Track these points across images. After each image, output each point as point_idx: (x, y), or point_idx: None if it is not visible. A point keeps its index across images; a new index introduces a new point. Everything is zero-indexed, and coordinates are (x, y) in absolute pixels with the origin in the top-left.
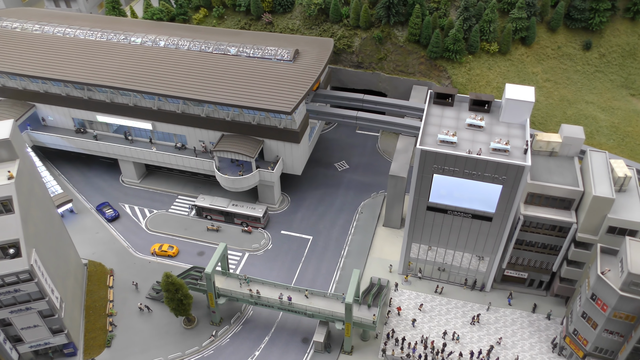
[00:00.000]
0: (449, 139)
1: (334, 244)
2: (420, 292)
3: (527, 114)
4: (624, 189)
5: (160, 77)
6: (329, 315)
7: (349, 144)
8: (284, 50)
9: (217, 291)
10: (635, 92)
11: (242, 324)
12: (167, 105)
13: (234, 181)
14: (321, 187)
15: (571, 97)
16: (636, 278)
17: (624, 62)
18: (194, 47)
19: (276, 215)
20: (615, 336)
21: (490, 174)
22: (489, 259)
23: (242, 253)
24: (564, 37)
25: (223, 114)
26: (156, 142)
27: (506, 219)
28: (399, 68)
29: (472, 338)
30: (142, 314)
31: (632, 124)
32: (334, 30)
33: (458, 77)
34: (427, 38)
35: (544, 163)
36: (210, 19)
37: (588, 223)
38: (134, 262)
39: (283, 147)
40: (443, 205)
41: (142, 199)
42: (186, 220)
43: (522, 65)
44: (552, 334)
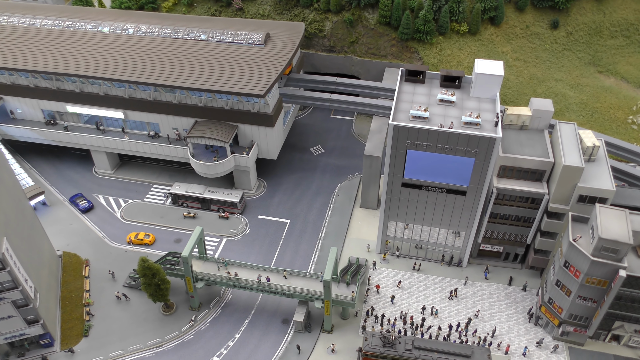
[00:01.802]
0: (421, 115)
1: (311, 227)
2: (399, 270)
3: (497, 88)
4: (592, 158)
5: (130, 64)
6: (308, 294)
7: (324, 128)
8: (255, 34)
9: (195, 275)
10: (602, 69)
11: (221, 307)
12: (139, 93)
13: (208, 167)
14: (297, 171)
15: (540, 76)
16: (607, 243)
17: (591, 40)
18: (164, 34)
19: (253, 200)
20: (589, 302)
21: (463, 147)
22: (464, 234)
23: (219, 239)
24: (531, 17)
25: (196, 100)
26: (129, 132)
27: (480, 192)
28: (371, 51)
29: (451, 312)
30: (119, 303)
31: (600, 100)
32: (305, 14)
33: (429, 58)
34: (397, 20)
35: (515, 136)
36: (180, 6)
37: (559, 193)
38: (110, 252)
39: (257, 132)
40: (418, 181)
41: (117, 189)
42: (162, 209)
43: (492, 45)
44: (528, 304)
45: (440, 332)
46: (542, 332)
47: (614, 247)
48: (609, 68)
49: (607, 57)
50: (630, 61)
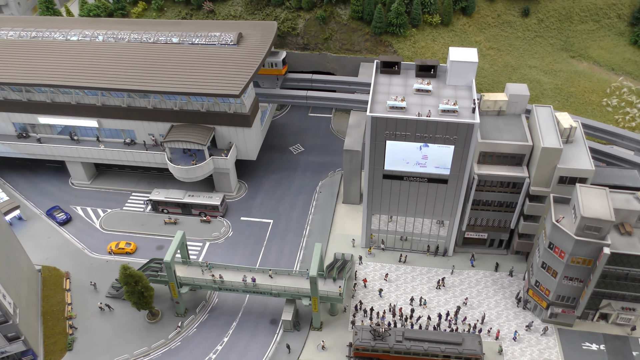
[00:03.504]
0: (398, 105)
1: (295, 225)
2: (385, 263)
3: (472, 75)
4: (570, 140)
5: (102, 71)
6: (295, 292)
7: (303, 127)
8: (228, 35)
9: (179, 280)
10: (574, 54)
11: (208, 312)
12: (112, 100)
13: (187, 171)
14: (278, 171)
15: (515, 63)
16: (589, 221)
17: (562, 26)
18: (135, 39)
19: (235, 202)
20: (575, 282)
21: (442, 135)
22: (448, 223)
23: (202, 243)
24: (502, 6)
25: (170, 104)
26: (104, 140)
27: (461, 179)
28: (345, 46)
29: (439, 301)
30: (103, 314)
31: (574, 85)
32: (277, 13)
33: (404, 51)
34: (370, 14)
35: (492, 122)
36: (150, 12)
37: (540, 176)
38: (91, 263)
39: (235, 133)
40: (398, 172)
41: (95, 200)
42: (142, 216)
43: (465, 35)
44: (516, 289)
45: (430, 322)
46: (530, 315)
47: (597, 226)
48: (581, 53)
49: (578, 42)
50: (601, 45)
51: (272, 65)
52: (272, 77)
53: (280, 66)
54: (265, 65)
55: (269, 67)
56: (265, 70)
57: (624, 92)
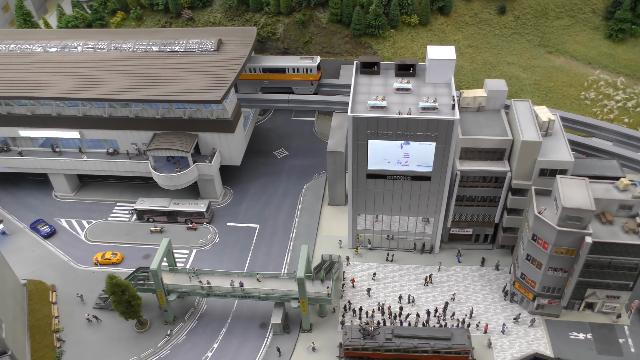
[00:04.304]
0: (378, 104)
1: (281, 229)
2: (372, 263)
3: (451, 72)
4: (549, 133)
5: (82, 81)
6: (283, 295)
7: (286, 131)
8: (207, 41)
9: (166, 288)
10: (551, 49)
11: (197, 318)
12: (93, 110)
13: (171, 179)
14: (263, 175)
15: (493, 60)
16: (570, 212)
17: (538, 23)
18: (114, 49)
19: (220, 208)
20: (560, 272)
21: (423, 132)
22: (433, 220)
23: (189, 250)
24: (479, 4)
25: (152, 112)
26: (86, 151)
27: (444, 176)
28: (326, 49)
29: (427, 298)
30: (91, 325)
31: (552, 80)
32: (256, 19)
33: (383, 52)
34: (348, 17)
35: (473, 118)
36: (129, 21)
37: (521, 169)
38: (77, 275)
39: (218, 139)
40: (382, 170)
41: (79, 211)
42: (128, 226)
43: (444, 34)
44: (502, 283)
45: (419, 318)
46: (518, 308)
47: (578, 215)
48: (557, 48)
49: (555, 38)
50: (577, 40)
51: (306, 71)
52: (306, 82)
53: (315, 71)
54: (300, 71)
55: (303, 72)
56: (299, 76)
57: (601, 85)
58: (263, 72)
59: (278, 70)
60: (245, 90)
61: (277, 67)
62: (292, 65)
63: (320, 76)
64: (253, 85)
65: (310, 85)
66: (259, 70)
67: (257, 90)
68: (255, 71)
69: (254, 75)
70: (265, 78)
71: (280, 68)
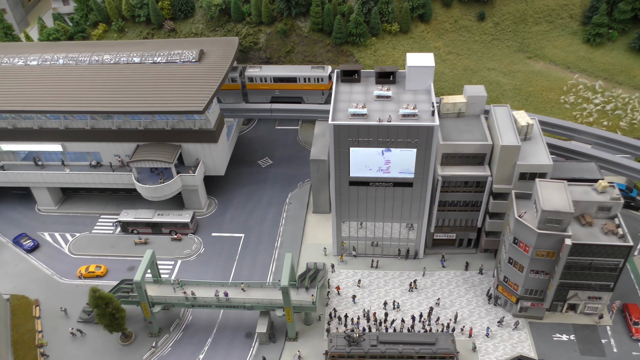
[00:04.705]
0: (359, 112)
1: (266, 238)
2: (357, 270)
3: (430, 79)
4: (528, 137)
5: (63, 94)
6: (268, 304)
7: (270, 140)
8: (189, 52)
9: (151, 300)
10: (531, 54)
11: (182, 330)
12: (75, 123)
13: (155, 190)
14: (247, 185)
15: (474, 66)
16: (550, 214)
17: (517, 28)
18: (95, 61)
19: (205, 218)
20: (541, 275)
21: (403, 139)
22: (417, 226)
23: (174, 261)
24: (458, 11)
25: (135, 124)
26: (69, 164)
27: (426, 182)
28: (308, 58)
29: (412, 304)
30: (75, 339)
31: (532, 84)
32: (238, 29)
33: (365, 60)
34: (329, 25)
35: (453, 124)
36: (111, 33)
37: (501, 173)
38: (61, 289)
39: (202, 149)
40: (364, 177)
41: (62, 225)
42: (112, 238)
43: (424, 41)
44: (486, 286)
45: (404, 324)
46: (502, 311)
47: (557, 218)
48: (537, 53)
49: (534, 43)
50: (556, 45)
51: (317, 80)
52: (317, 92)
53: (326, 81)
54: (311, 81)
55: (314, 82)
56: (310, 85)
57: (580, 89)
58: (274, 81)
59: (289, 80)
60: (257, 99)
61: (288, 76)
62: (304, 75)
63: (332, 86)
64: (264, 95)
65: (322, 95)
66: (270, 80)
67: (267, 100)
68: (267, 81)
69: (265, 85)
70: (276, 88)
71: (291, 78)
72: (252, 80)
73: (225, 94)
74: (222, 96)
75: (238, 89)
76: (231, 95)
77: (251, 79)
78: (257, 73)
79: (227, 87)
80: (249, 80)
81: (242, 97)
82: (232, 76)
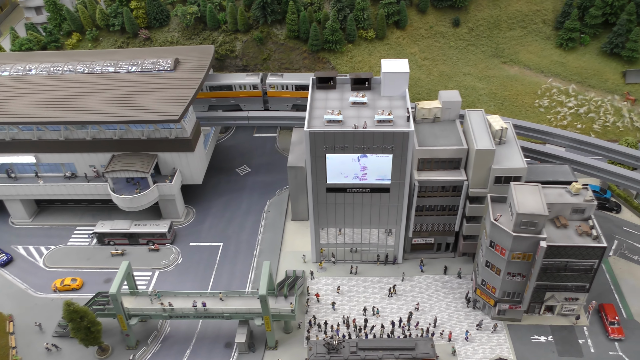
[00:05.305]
0: (334, 118)
1: (245, 246)
2: (337, 276)
3: (405, 85)
4: (503, 141)
5: (36, 105)
6: (247, 313)
7: (248, 148)
8: (164, 61)
9: (127, 312)
10: (505, 59)
11: (160, 342)
12: (48, 134)
13: (131, 200)
14: (225, 193)
15: (450, 72)
16: (525, 217)
17: (491, 34)
18: (69, 71)
19: (183, 228)
20: (518, 277)
21: (379, 145)
22: (395, 231)
23: (151, 272)
24: (434, 17)
25: (110, 134)
26: (43, 175)
27: (402, 187)
28: (284, 65)
29: (392, 309)
30: (50, 354)
31: (507, 89)
32: (214, 37)
33: (342, 66)
34: (306, 33)
35: (429, 129)
36: (85, 42)
37: (477, 177)
38: (35, 303)
39: (178, 158)
40: (341, 184)
41: (37, 237)
42: (88, 250)
43: (400, 47)
44: (465, 290)
45: (384, 330)
46: (480, 314)
47: (532, 221)
48: (511, 58)
49: (508, 48)
50: (529, 50)
51: None
52: None
53: None
54: None
55: None
56: None
57: (554, 92)
58: (295, 89)
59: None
60: (278, 107)
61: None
62: None
63: None
64: (285, 102)
65: None
66: (292, 88)
67: (288, 108)
68: (288, 88)
69: (286, 92)
70: (298, 95)
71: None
72: (273, 88)
73: (246, 101)
74: (243, 103)
75: (259, 96)
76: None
77: (272, 86)
78: (278, 81)
79: (247, 94)
80: (270, 88)
81: (262, 104)
82: (254, 83)
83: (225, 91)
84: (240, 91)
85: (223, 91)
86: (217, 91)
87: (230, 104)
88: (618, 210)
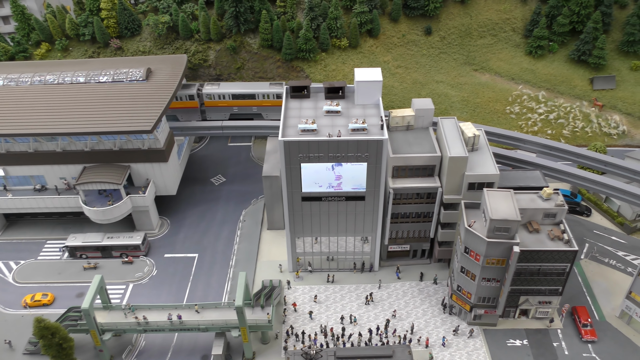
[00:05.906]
0: (309, 127)
1: (221, 257)
2: (313, 285)
3: (378, 93)
4: (475, 147)
5: (3, 116)
6: (223, 324)
7: (223, 157)
8: (136, 71)
9: (100, 327)
10: (477, 67)
11: (135, 356)
12: (17, 146)
13: (104, 212)
14: (200, 203)
15: (422, 79)
16: (498, 223)
17: (463, 42)
18: (37, 81)
19: (157, 240)
20: (493, 282)
21: (353, 153)
22: (371, 239)
23: (125, 285)
24: (406, 26)
25: (81, 145)
26: (11, 189)
27: (377, 195)
28: (258, 74)
29: (369, 317)
30: None
31: (479, 96)
32: (186, 46)
33: (315, 75)
34: (279, 41)
35: (402, 137)
36: (54, 52)
37: (450, 184)
38: (5, 320)
39: (152, 169)
40: (316, 193)
41: (5, 252)
42: (59, 265)
43: (373, 55)
44: (441, 296)
45: (362, 338)
46: (457, 320)
47: (505, 226)
48: (482, 65)
49: (479, 56)
50: (500, 57)
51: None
52: None
53: None
54: None
55: None
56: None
57: (524, 99)
58: (232, 98)
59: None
60: (215, 117)
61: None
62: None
63: None
64: (222, 112)
65: None
66: (229, 97)
67: (226, 117)
68: (224, 98)
69: (223, 102)
70: (235, 105)
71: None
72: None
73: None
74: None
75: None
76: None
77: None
78: (215, 90)
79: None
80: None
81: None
82: (190, 93)
83: None
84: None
85: None
86: None
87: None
88: (588, 214)
